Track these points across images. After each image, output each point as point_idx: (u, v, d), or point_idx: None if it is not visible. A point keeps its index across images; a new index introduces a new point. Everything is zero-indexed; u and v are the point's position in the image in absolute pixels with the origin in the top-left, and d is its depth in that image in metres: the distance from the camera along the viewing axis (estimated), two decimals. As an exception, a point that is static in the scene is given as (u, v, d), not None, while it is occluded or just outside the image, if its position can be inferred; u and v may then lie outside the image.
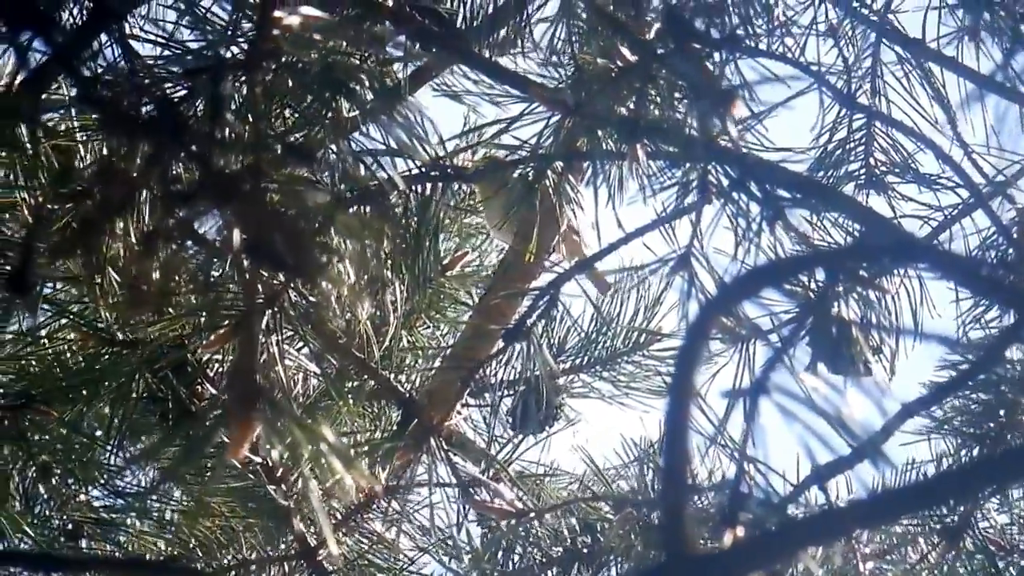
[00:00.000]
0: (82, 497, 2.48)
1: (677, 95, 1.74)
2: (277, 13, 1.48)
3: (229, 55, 1.61)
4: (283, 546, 2.34)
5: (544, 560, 2.31)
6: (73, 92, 1.67)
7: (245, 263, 1.54)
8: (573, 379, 2.80)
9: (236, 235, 1.42)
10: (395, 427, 2.41)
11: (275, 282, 1.91)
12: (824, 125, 2.27)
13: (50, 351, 2.24)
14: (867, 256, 1.48)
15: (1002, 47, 2.10)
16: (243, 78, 1.56)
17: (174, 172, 1.66)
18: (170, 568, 1.76)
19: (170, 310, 2.08)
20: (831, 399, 1.19)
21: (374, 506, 2.34)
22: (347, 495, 2.16)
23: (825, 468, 1.67)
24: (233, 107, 1.59)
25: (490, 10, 2.08)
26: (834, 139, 2.27)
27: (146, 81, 1.60)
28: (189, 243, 1.87)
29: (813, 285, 1.88)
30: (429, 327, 2.86)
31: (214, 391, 2.20)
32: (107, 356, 2.19)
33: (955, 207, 2.19)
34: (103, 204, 1.65)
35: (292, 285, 1.96)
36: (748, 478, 1.17)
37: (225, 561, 2.36)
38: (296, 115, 1.75)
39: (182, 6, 1.68)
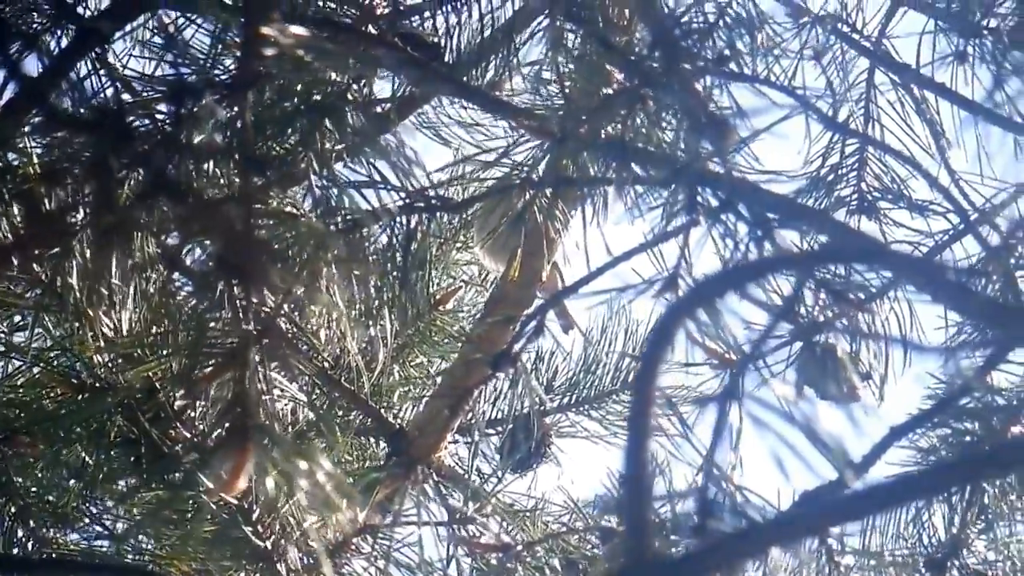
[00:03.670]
0: (60, 540, 2.47)
1: (666, 117, 1.74)
2: (264, 30, 1.47)
3: (213, 77, 1.61)
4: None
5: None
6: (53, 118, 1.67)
7: (235, 295, 1.54)
8: (561, 418, 2.79)
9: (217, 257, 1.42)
10: (383, 459, 2.41)
11: (266, 312, 1.90)
12: (815, 150, 2.27)
13: (25, 396, 2.24)
14: (842, 259, 1.47)
15: (992, 71, 2.11)
16: (227, 100, 1.56)
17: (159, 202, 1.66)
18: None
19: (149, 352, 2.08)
20: (805, 411, 1.19)
21: (356, 543, 2.32)
22: (343, 527, 2.14)
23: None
24: (217, 131, 1.59)
25: (477, 41, 2.09)
26: (827, 163, 2.27)
27: (129, 106, 1.60)
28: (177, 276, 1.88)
29: (802, 310, 1.88)
30: (421, 360, 2.86)
31: (189, 435, 2.19)
32: (80, 401, 2.18)
33: (945, 233, 2.18)
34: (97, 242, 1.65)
35: (283, 315, 1.96)
36: (718, 486, 1.17)
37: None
38: (281, 140, 1.75)
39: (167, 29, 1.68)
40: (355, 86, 1.77)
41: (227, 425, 1.32)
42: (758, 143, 1.87)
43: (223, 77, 1.62)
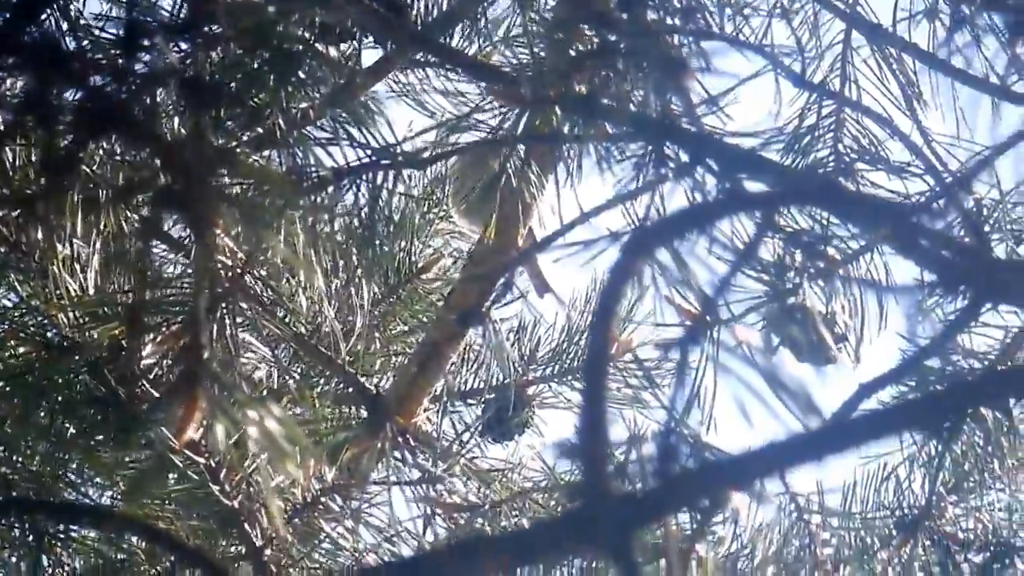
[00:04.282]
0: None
1: (635, 72, 1.73)
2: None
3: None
4: (229, 547, 2.31)
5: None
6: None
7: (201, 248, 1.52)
8: (543, 388, 2.78)
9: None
10: (359, 424, 2.40)
11: (232, 269, 1.89)
12: (792, 112, 2.26)
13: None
14: (806, 199, 1.46)
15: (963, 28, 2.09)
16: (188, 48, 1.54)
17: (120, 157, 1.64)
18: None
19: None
20: (768, 360, 1.17)
21: (325, 503, 2.31)
22: (297, 479, 2.13)
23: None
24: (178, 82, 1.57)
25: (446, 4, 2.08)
26: (804, 124, 2.26)
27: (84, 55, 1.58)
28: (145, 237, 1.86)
29: (777, 270, 1.87)
30: (402, 328, 2.85)
31: (154, 392, 2.17)
32: (47, 359, 2.17)
33: (922, 195, 2.17)
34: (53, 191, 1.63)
35: (250, 272, 1.94)
36: (679, 430, 1.15)
37: (168, 563, 2.32)
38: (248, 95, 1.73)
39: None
40: (321, 40, 1.76)
41: (177, 373, 1.29)
42: (734, 106, 1.87)
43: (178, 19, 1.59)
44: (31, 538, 2.32)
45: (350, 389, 2.51)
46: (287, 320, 2.32)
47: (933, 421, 1.54)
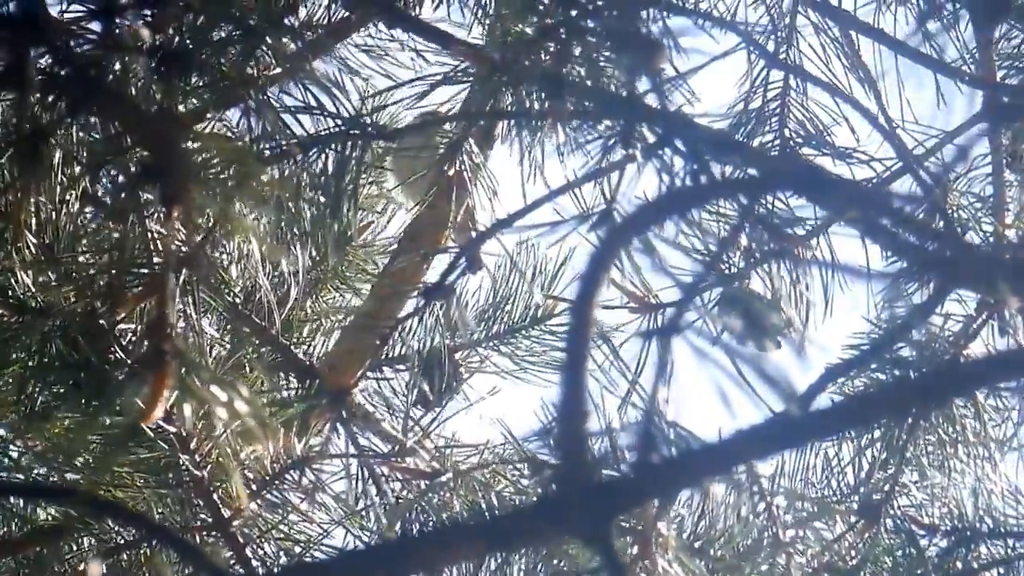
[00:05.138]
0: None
1: (602, 50, 1.73)
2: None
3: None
4: (195, 517, 2.30)
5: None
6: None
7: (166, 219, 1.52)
8: (470, 353, 2.78)
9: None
10: (296, 395, 2.39)
11: (191, 242, 1.87)
12: (737, 95, 2.26)
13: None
14: (779, 187, 1.47)
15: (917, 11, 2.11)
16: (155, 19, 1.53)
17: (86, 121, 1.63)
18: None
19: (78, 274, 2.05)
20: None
21: (286, 476, 2.31)
22: (260, 455, 2.13)
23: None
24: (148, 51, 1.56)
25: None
26: (749, 107, 2.26)
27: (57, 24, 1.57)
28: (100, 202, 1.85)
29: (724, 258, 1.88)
30: (334, 296, 2.84)
31: (126, 357, 2.16)
32: (17, 324, 2.15)
33: (870, 180, 2.17)
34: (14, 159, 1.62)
35: (208, 245, 1.93)
36: (657, 419, 1.16)
37: (135, 532, 2.32)
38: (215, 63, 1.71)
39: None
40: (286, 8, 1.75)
41: (144, 351, 1.29)
42: (699, 80, 1.87)
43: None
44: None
45: (284, 360, 2.50)
46: (222, 289, 2.31)
47: (902, 412, 1.56)
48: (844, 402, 0.98)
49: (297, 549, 2.35)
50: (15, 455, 2.38)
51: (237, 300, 2.45)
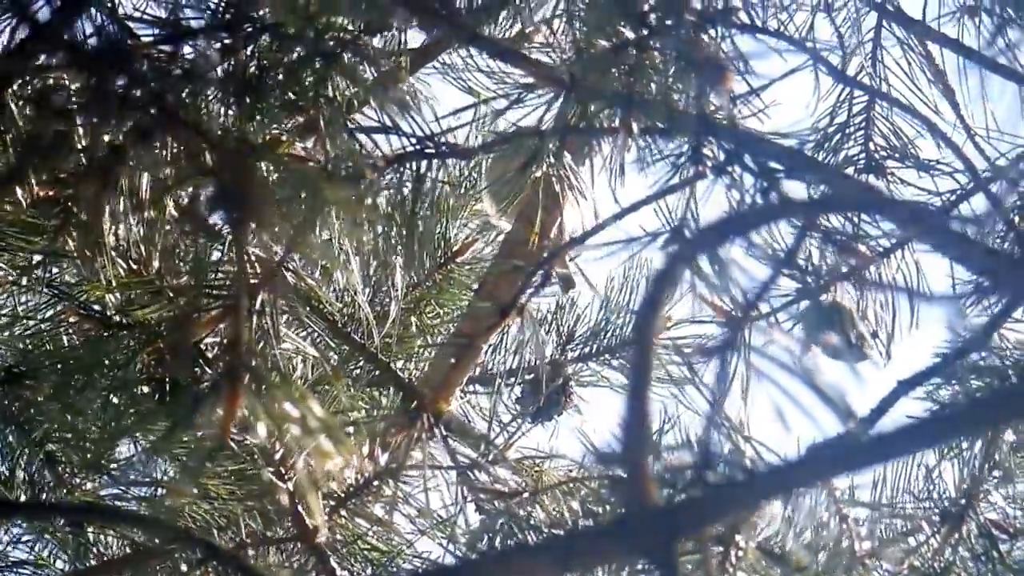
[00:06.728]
0: (88, 486, 2.49)
1: (672, 69, 1.73)
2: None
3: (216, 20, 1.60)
4: (281, 529, 2.33)
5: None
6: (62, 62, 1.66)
7: (240, 241, 1.54)
8: (582, 367, 2.79)
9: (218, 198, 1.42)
10: (395, 411, 2.41)
11: (270, 261, 1.90)
12: (823, 108, 2.26)
13: (45, 333, 2.24)
14: (847, 207, 1.47)
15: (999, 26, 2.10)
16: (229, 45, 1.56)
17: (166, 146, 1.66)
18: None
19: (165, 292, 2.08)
20: (807, 364, 1.19)
21: (371, 488, 2.33)
22: (336, 472, 2.15)
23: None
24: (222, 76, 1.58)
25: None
26: (834, 123, 2.26)
27: (135, 51, 1.60)
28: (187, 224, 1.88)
29: (810, 268, 1.88)
30: (437, 313, 2.86)
31: (208, 373, 2.19)
32: (104, 339, 2.18)
33: (953, 192, 2.17)
34: (99, 180, 1.65)
35: (288, 265, 1.95)
36: (719, 437, 1.16)
37: (222, 544, 2.35)
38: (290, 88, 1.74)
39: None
40: (363, 33, 1.77)
41: (219, 369, 1.32)
42: (766, 98, 1.87)
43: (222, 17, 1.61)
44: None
45: (383, 376, 2.53)
46: (320, 308, 2.34)
47: (975, 431, 1.55)
48: (917, 424, 0.98)
49: (383, 560, 2.37)
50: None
51: (335, 318, 2.47)
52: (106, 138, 1.53)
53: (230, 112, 1.62)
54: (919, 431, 1.01)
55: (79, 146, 1.67)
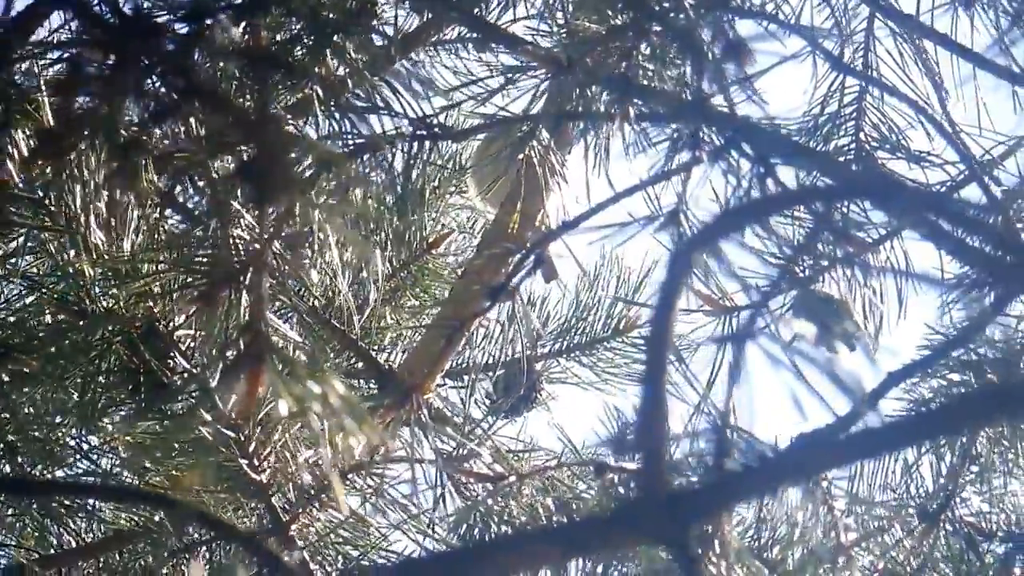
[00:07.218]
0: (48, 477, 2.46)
1: (671, 53, 1.73)
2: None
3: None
4: (256, 520, 2.31)
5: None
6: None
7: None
8: (552, 363, 2.79)
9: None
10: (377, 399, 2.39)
11: (256, 244, 1.88)
12: (815, 97, 2.25)
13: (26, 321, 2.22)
14: (849, 195, 1.46)
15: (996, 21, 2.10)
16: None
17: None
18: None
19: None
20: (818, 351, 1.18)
21: (351, 479, 2.31)
22: (357, 450, 2.14)
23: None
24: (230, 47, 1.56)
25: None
26: (825, 112, 2.25)
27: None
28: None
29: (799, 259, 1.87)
30: (413, 303, 2.85)
31: (186, 364, 2.17)
32: (80, 327, 2.16)
33: (943, 184, 2.17)
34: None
35: (275, 249, 1.93)
36: (732, 426, 1.16)
37: (196, 536, 2.33)
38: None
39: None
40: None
41: (240, 348, 1.30)
42: (761, 83, 1.86)
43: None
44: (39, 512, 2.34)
45: (362, 364, 2.51)
46: (300, 293, 2.32)
47: (965, 426, 1.55)
48: (917, 416, 0.98)
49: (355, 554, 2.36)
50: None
51: (317, 304, 2.46)
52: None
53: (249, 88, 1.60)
54: (906, 427, 1.01)
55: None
